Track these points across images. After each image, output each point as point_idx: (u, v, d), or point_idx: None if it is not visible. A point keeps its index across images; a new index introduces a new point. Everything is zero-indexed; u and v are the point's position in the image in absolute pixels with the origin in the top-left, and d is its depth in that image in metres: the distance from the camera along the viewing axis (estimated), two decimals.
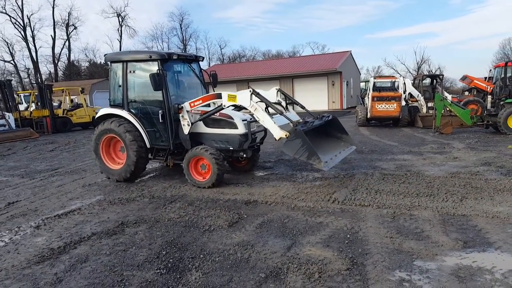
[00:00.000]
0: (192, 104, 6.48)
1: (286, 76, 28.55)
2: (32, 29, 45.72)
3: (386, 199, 5.14)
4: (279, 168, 7.64)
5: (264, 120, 5.82)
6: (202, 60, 7.73)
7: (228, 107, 6.33)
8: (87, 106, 21.47)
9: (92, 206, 5.61)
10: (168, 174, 7.56)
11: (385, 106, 14.34)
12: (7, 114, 17.86)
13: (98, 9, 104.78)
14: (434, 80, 17.05)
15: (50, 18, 46.49)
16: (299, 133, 5.33)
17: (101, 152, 7.20)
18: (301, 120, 6.04)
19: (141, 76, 6.76)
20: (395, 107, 14.28)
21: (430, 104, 14.76)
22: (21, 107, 21.90)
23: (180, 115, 6.56)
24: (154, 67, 6.52)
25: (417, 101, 15.40)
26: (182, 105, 6.52)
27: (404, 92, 15.41)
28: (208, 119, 6.61)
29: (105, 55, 7.47)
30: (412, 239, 3.78)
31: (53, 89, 20.82)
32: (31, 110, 20.42)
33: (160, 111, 6.53)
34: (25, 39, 45.21)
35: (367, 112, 15.09)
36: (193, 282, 3.21)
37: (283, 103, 6.63)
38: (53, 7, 46.31)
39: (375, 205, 4.89)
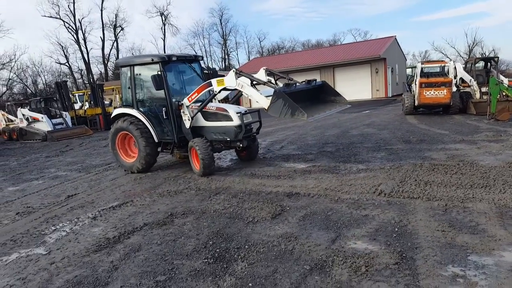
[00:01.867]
0: (190, 99, 7.08)
1: (327, 66, 27.86)
2: (84, 32, 48.59)
3: (437, 191, 4.87)
4: (321, 160, 7.53)
5: (252, 94, 6.43)
6: (202, 60, 8.40)
7: (219, 91, 6.92)
8: None
9: (143, 198, 5.92)
10: (215, 167, 7.74)
11: (434, 92, 13.52)
12: (64, 113, 19.31)
13: (142, 9, 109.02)
14: (488, 63, 15.75)
15: (99, 21, 49.01)
16: (280, 94, 5.77)
17: (117, 148, 7.96)
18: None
19: (146, 78, 7.38)
20: (445, 94, 13.41)
21: (484, 89, 13.68)
22: (76, 106, 23.50)
23: (181, 111, 7.20)
24: (156, 69, 7.11)
25: (469, 86, 14.34)
26: (182, 102, 7.17)
27: (455, 77, 14.41)
28: (207, 113, 7.18)
29: (116, 61, 8.32)
30: (466, 233, 3.57)
31: (104, 88, 22.15)
32: (85, 108, 21.88)
33: (164, 109, 7.18)
34: (77, 42, 48.17)
35: (414, 100, 14.33)
36: (239, 272, 3.29)
37: (272, 81, 6.78)
38: (101, 10, 48.81)
39: (425, 197, 4.66)
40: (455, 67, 14.56)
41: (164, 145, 7.70)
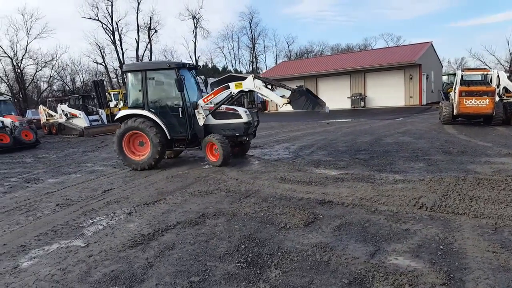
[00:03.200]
0: (205, 100, 8.20)
1: (357, 71, 27.24)
2: (120, 33, 50.33)
3: (485, 207, 4.57)
4: (353, 167, 7.33)
5: (269, 95, 7.66)
6: (199, 68, 9.85)
7: (237, 94, 7.93)
8: None
9: (176, 196, 5.98)
10: (242, 169, 7.73)
11: (475, 102, 12.87)
12: (100, 110, 20.02)
13: (175, 12, 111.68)
14: None
15: (135, 23, 50.62)
16: (302, 92, 7.19)
17: (124, 147, 8.41)
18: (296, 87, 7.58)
19: (159, 81, 8.41)
20: (487, 103, 12.74)
21: None
22: (111, 104, 24.30)
23: (196, 110, 8.21)
24: (171, 74, 8.09)
25: None
26: (197, 102, 8.24)
27: (498, 86, 13.68)
28: (216, 113, 8.24)
29: (124, 66, 9.08)
30: None
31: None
32: (119, 106, 22.62)
33: (180, 108, 8.08)
34: (113, 42, 49.95)
35: (453, 108, 13.72)
36: (273, 279, 3.21)
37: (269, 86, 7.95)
38: (137, 13, 50.40)
39: (472, 213, 4.38)
40: (498, 76, 13.83)
41: (175, 142, 8.45)
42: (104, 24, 48.88)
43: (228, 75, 39.83)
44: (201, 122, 8.21)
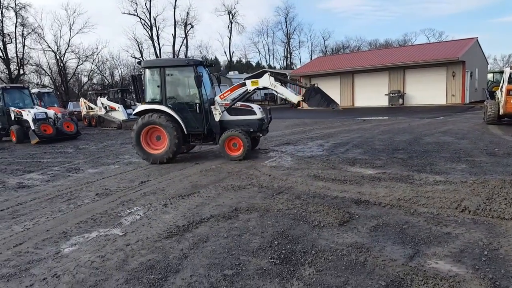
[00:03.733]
0: (222, 96, 8.49)
1: (396, 67, 26.24)
2: (157, 29, 51.81)
3: None
4: (391, 167, 7.08)
5: (284, 92, 8.06)
6: (213, 66, 10.24)
7: (253, 90, 8.24)
8: None
9: (209, 190, 6.07)
10: (274, 166, 7.72)
11: None
12: (138, 104, 20.67)
13: (211, 8, 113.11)
14: None
15: (172, 18, 51.95)
16: (318, 89, 7.56)
17: (142, 141, 8.65)
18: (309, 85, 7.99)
19: (177, 78, 8.72)
20: None
21: None
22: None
23: (213, 106, 8.43)
24: (189, 71, 8.42)
25: None
26: (214, 98, 8.48)
27: None
28: (231, 109, 8.52)
29: (140, 62, 9.39)
30: None
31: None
32: None
33: (197, 104, 8.36)
34: (151, 38, 51.52)
35: (499, 108, 12.88)
36: (307, 277, 3.17)
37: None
38: (174, 8, 51.66)
39: None
40: None
41: (191, 137, 8.76)
42: (143, 19, 50.48)
43: (261, 71, 39.73)
44: (217, 118, 8.46)
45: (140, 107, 8.85)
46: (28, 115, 14.78)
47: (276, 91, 8.15)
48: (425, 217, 4.35)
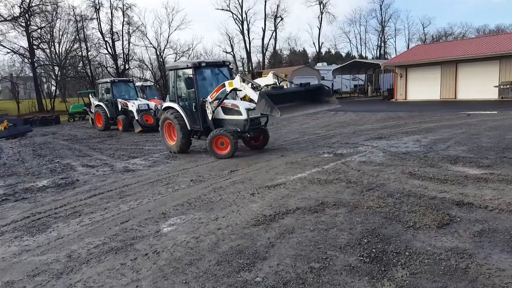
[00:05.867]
0: (211, 96, 8.84)
1: (509, 55, 22.52)
2: (248, 23, 53.27)
3: None
4: (500, 167, 6.19)
5: (250, 94, 8.08)
6: (230, 65, 10.29)
7: (230, 91, 8.58)
8: None
9: (295, 182, 6.10)
10: (364, 161, 7.38)
11: None
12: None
13: None
14: None
15: (262, 12, 52.91)
16: (262, 94, 7.38)
17: (165, 133, 10.07)
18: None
19: (183, 79, 9.42)
20: None
21: None
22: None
23: (206, 106, 8.95)
24: (189, 73, 9.13)
25: None
26: (205, 99, 8.95)
27: None
28: (225, 108, 8.88)
29: (167, 65, 10.16)
30: None
31: (262, 75, 23.97)
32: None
33: (194, 104, 9.17)
34: (242, 32, 53.27)
35: None
36: (400, 279, 2.99)
37: (277, 83, 8.47)
38: (265, 1, 52.38)
39: None
40: None
41: (195, 133, 9.57)
42: (235, 14, 52.42)
43: (352, 61, 38.10)
44: (210, 117, 8.99)
45: (165, 104, 10.28)
46: (133, 106, 16.66)
47: (245, 93, 8.51)
48: None
